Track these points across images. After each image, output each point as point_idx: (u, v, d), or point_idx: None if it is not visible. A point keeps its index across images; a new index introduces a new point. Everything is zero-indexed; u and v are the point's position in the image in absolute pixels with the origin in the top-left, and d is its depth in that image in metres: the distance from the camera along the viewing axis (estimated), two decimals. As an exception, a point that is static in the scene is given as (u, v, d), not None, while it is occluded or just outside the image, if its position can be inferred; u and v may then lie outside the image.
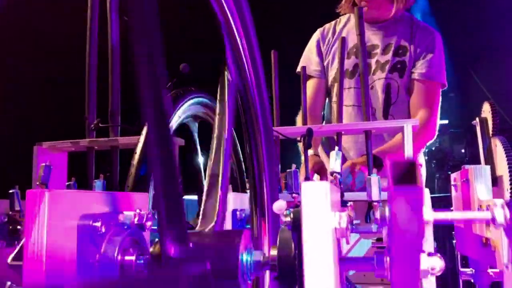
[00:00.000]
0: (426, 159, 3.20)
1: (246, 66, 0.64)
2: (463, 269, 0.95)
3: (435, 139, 1.83)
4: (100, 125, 1.15)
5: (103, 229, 0.46)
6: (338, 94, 1.26)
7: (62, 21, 2.42)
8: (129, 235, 0.50)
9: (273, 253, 0.51)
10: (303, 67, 1.39)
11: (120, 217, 0.50)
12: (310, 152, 1.44)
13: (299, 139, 1.15)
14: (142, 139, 0.97)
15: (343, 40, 1.26)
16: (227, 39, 0.62)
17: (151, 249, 0.50)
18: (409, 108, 1.69)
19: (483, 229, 0.82)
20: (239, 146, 1.22)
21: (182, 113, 1.04)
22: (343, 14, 1.84)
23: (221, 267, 0.50)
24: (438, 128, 1.72)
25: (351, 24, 1.80)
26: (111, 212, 0.50)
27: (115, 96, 1.17)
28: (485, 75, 3.37)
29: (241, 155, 1.23)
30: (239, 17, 0.61)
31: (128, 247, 0.50)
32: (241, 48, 0.63)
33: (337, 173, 0.77)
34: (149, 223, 0.54)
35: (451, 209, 1.09)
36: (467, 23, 3.76)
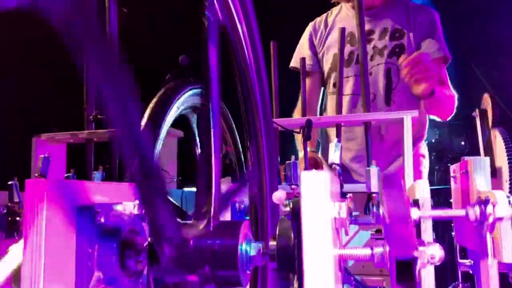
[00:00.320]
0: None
1: (246, 51, 0.64)
2: (461, 261, 0.95)
3: (435, 132, 1.84)
4: (99, 116, 1.15)
5: (102, 219, 0.46)
6: (337, 85, 1.26)
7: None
8: (129, 225, 0.50)
9: (272, 243, 0.51)
10: (303, 58, 1.38)
11: (119, 208, 0.50)
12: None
13: (298, 130, 1.15)
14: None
15: (343, 30, 1.26)
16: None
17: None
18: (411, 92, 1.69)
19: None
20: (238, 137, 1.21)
21: (180, 104, 1.03)
22: (337, 4, 1.84)
23: (220, 258, 0.50)
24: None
25: (342, 14, 1.80)
26: (110, 202, 0.50)
27: (114, 87, 1.16)
28: (485, 67, 3.36)
29: (240, 146, 1.23)
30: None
31: (127, 237, 0.50)
32: (241, 34, 0.62)
33: (336, 164, 0.77)
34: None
35: (450, 200, 1.10)
36: (467, 14, 3.74)
